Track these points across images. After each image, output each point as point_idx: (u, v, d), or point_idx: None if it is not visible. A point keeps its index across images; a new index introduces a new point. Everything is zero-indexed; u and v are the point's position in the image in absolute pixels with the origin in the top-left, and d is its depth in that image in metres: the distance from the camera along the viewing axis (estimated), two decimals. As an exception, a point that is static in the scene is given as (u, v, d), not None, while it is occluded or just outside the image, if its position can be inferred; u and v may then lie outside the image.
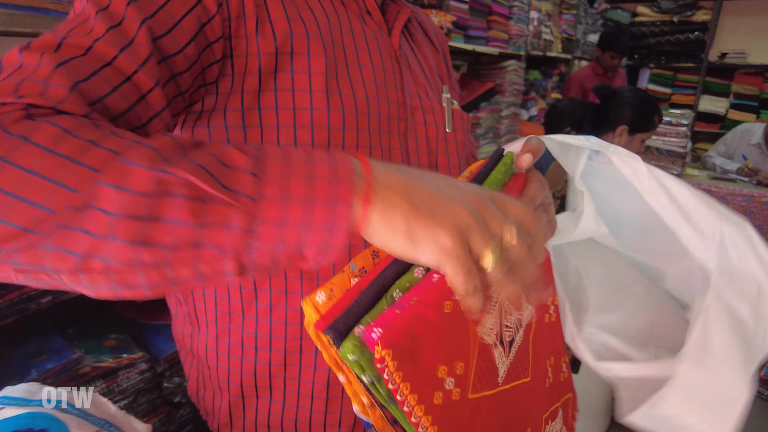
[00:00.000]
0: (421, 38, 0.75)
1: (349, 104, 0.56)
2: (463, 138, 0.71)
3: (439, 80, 0.73)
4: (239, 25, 0.51)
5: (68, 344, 1.12)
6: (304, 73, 0.53)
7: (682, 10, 4.57)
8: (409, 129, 0.63)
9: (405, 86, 0.63)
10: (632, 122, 1.68)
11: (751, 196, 2.76)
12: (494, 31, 2.56)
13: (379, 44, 0.62)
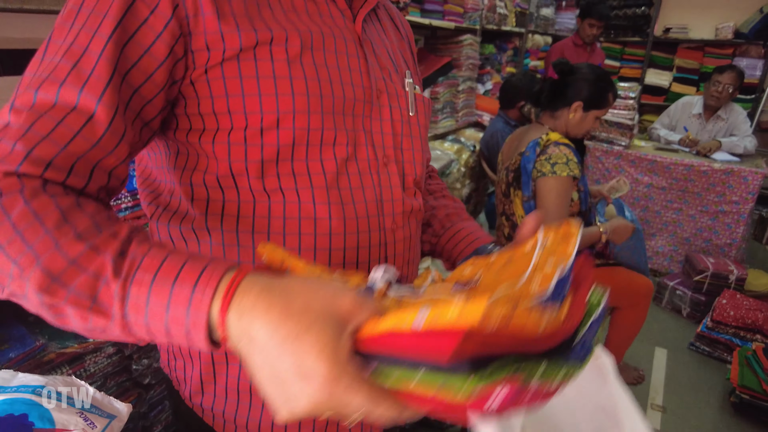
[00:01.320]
0: (387, 24, 0.76)
1: (314, 88, 0.57)
2: (425, 121, 0.74)
3: (404, 65, 0.75)
4: (197, 23, 0.52)
5: (30, 332, 1.11)
6: (267, 61, 0.55)
7: (630, -16, 4.71)
8: (374, 112, 0.65)
9: (370, 70, 0.65)
10: (588, 99, 1.73)
11: (691, 165, 2.93)
12: (450, 5, 2.58)
13: (342, 31, 0.63)
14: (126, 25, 0.49)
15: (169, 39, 0.51)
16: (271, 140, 0.57)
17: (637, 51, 4.85)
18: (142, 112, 0.52)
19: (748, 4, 4.43)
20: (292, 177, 0.59)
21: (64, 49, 0.49)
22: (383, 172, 0.66)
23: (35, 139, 0.46)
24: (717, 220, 2.96)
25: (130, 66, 0.50)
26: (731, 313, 2.39)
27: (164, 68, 0.52)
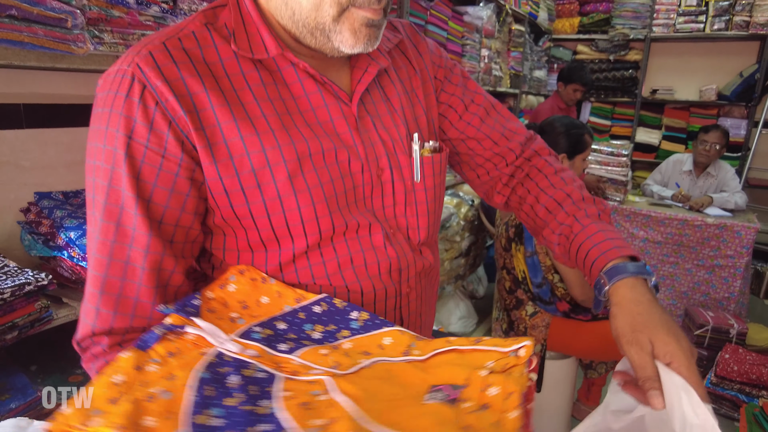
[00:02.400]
0: (399, 68, 0.74)
1: (318, 195, 0.61)
2: (433, 181, 0.73)
3: (414, 121, 0.74)
4: (202, 155, 0.58)
5: (32, 381, 1.10)
6: (270, 184, 0.59)
7: (617, 49, 4.96)
8: (376, 190, 0.67)
9: (368, 152, 0.66)
10: (568, 148, 1.82)
11: (685, 220, 2.99)
12: (448, 68, 2.72)
13: (336, 123, 0.64)
14: (143, 177, 0.55)
15: (188, 173, 0.57)
16: (287, 246, 0.62)
17: (626, 110, 5.04)
18: (186, 243, 0.60)
19: (728, 69, 4.67)
20: (308, 270, 0.63)
21: (100, 217, 0.57)
22: (395, 242, 0.69)
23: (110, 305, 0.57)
24: (714, 274, 2.98)
25: (162, 210, 0.57)
26: (735, 369, 2.36)
27: (192, 197, 0.58)
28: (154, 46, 0.57)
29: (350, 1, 0.56)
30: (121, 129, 0.55)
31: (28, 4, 0.93)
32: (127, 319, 0.57)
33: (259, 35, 0.60)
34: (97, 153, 0.56)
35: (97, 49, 1.08)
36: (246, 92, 0.59)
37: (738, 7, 4.37)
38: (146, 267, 0.56)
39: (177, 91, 0.55)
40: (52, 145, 1.36)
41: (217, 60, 0.59)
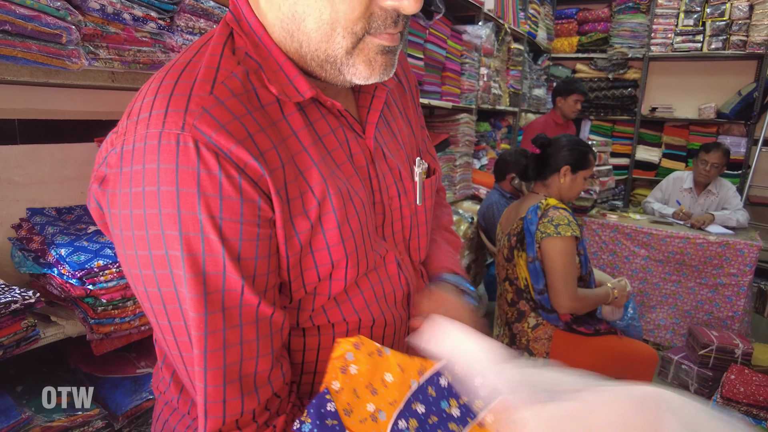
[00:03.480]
0: (392, 99, 0.73)
1: (359, 239, 0.59)
2: (431, 203, 0.75)
3: (415, 148, 0.75)
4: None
5: (17, 403, 1.07)
6: (320, 236, 0.56)
7: (615, 68, 5.00)
8: (386, 219, 0.67)
9: (381, 184, 0.65)
10: (572, 163, 1.84)
11: (686, 238, 2.97)
12: (447, 86, 2.73)
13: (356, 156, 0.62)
14: (244, 255, 0.50)
15: (273, 231, 0.53)
16: (324, 291, 0.59)
17: (626, 128, 5.06)
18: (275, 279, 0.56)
19: (726, 87, 4.69)
20: (337, 309, 0.62)
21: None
22: (404, 268, 0.69)
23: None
24: (717, 293, 2.94)
25: (266, 279, 0.52)
26: (741, 390, 2.31)
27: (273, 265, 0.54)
28: (205, 101, 0.48)
29: (365, 30, 0.51)
30: (204, 210, 0.47)
31: (23, 19, 0.93)
32: (254, 397, 0.52)
33: (285, 76, 0.55)
34: (169, 241, 0.47)
35: (92, 64, 1.08)
36: (294, 140, 0.54)
37: (735, 26, 4.42)
38: (260, 336, 0.52)
39: (252, 152, 0.49)
40: (46, 161, 1.34)
41: (259, 106, 0.52)
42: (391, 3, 0.50)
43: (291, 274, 0.55)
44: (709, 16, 4.53)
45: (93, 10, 1.07)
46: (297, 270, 0.56)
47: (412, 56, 2.34)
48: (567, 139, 1.89)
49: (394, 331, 0.68)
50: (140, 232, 0.48)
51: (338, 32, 0.50)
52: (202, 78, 0.50)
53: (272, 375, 0.54)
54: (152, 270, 0.49)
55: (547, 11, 4.76)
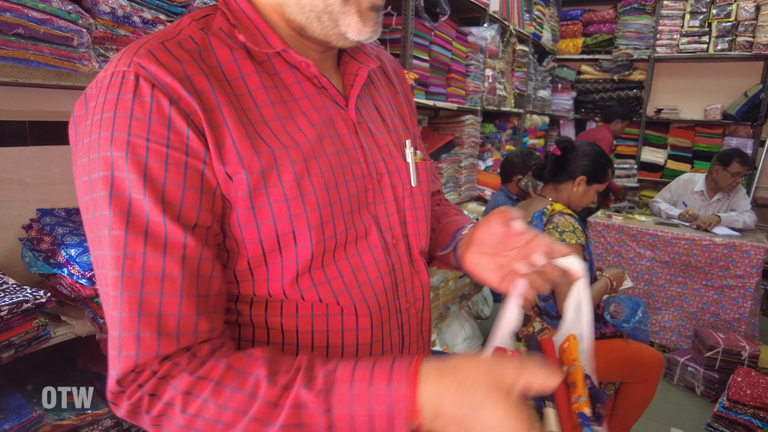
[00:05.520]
0: (381, 85, 0.76)
1: (323, 199, 0.58)
2: (428, 188, 0.74)
3: (404, 130, 0.76)
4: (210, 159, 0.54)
5: (27, 402, 1.08)
6: (277, 186, 0.55)
7: (621, 69, 4.99)
8: (377, 196, 0.66)
9: (367, 156, 0.65)
10: (590, 173, 1.81)
11: (692, 239, 2.96)
12: (453, 87, 2.73)
13: (336, 125, 0.63)
14: (170, 180, 0.51)
15: (210, 169, 0.54)
16: (291, 258, 0.57)
17: (631, 130, 5.04)
18: (217, 237, 0.56)
19: (732, 88, 4.68)
20: (314, 289, 0.59)
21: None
22: (393, 254, 0.67)
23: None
24: (723, 295, 2.93)
25: (196, 213, 0.52)
26: (748, 392, 2.30)
27: (218, 196, 0.54)
28: (152, 46, 0.53)
29: None
30: (135, 132, 0.50)
31: (35, 23, 0.94)
32: (173, 341, 0.50)
33: (259, 34, 0.59)
34: (101, 164, 0.50)
35: (102, 66, 1.09)
36: (247, 97, 0.57)
37: (741, 27, 4.40)
38: (185, 275, 0.51)
39: (187, 88, 0.52)
40: (56, 162, 1.36)
41: (216, 64, 0.56)
42: None
43: (240, 219, 0.55)
44: (715, 17, 4.52)
45: (103, 13, 1.08)
46: (250, 219, 0.55)
47: (417, 58, 2.35)
48: (591, 149, 1.85)
49: (381, 321, 0.65)
50: (84, 159, 0.52)
51: None
52: (158, 35, 0.56)
53: (199, 325, 0.52)
54: (90, 195, 0.52)
55: (552, 13, 4.76)
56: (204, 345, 0.52)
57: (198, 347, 0.52)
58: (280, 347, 0.61)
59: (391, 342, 0.67)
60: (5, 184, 1.26)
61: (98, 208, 0.51)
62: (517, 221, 0.66)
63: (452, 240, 0.76)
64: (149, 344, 0.49)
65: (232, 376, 0.50)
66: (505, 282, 0.68)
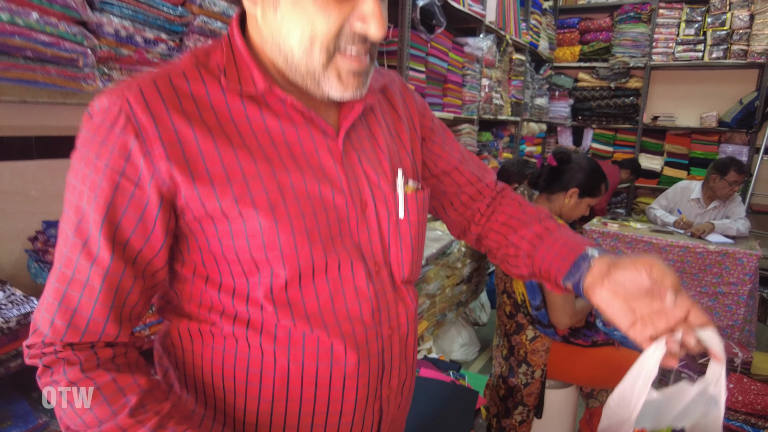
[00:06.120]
0: (385, 112, 0.77)
1: (298, 226, 0.61)
2: (417, 218, 0.74)
3: (403, 158, 0.76)
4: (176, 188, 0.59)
5: (33, 409, 1.11)
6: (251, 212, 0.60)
7: (617, 77, 5.04)
8: (360, 224, 0.68)
9: (351, 185, 0.67)
10: (583, 186, 1.83)
11: (686, 247, 2.99)
12: (449, 98, 2.78)
13: (321, 156, 0.65)
14: (115, 203, 0.58)
15: (157, 203, 0.59)
16: (266, 277, 0.62)
17: (628, 137, 5.10)
18: (149, 265, 0.62)
19: (728, 96, 4.73)
20: (288, 309, 0.64)
21: (73, 231, 0.60)
22: (376, 281, 0.69)
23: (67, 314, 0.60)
24: (717, 302, 2.96)
25: (128, 235, 0.60)
26: (740, 399, 2.33)
27: (159, 229, 0.60)
28: (144, 82, 0.60)
29: (336, 47, 0.59)
30: (101, 157, 0.58)
31: (43, 45, 0.99)
32: (78, 334, 0.60)
33: (248, 71, 0.63)
34: (78, 175, 0.59)
35: (106, 85, 1.13)
36: (230, 125, 0.61)
37: (735, 36, 4.46)
38: (104, 287, 0.60)
39: (159, 124, 0.58)
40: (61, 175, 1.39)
41: (203, 95, 0.61)
42: (359, 29, 0.59)
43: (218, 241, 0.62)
44: (710, 25, 4.58)
45: (108, 35, 1.12)
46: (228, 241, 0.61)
47: (414, 69, 2.39)
48: (586, 163, 1.87)
49: (357, 346, 0.67)
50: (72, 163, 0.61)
51: (316, 48, 0.59)
52: (156, 72, 0.62)
53: (106, 329, 0.61)
54: (67, 194, 0.61)
55: (549, 21, 4.81)
56: (107, 348, 0.62)
57: (101, 348, 0.62)
58: (259, 364, 0.65)
59: (369, 367, 0.68)
60: (12, 197, 1.30)
61: (68, 208, 0.61)
62: (671, 294, 0.63)
63: (577, 269, 0.72)
64: (59, 330, 0.60)
65: (111, 390, 0.59)
66: (634, 328, 0.66)
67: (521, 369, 1.85)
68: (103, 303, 0.60)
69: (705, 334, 0.62)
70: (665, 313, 0.64)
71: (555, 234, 0.78)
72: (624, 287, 0.67)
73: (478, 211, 0.88)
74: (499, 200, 0.88)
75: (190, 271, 0.66)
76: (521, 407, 1.87)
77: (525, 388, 1.85)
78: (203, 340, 0.67)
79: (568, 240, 0.76)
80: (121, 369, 0.61)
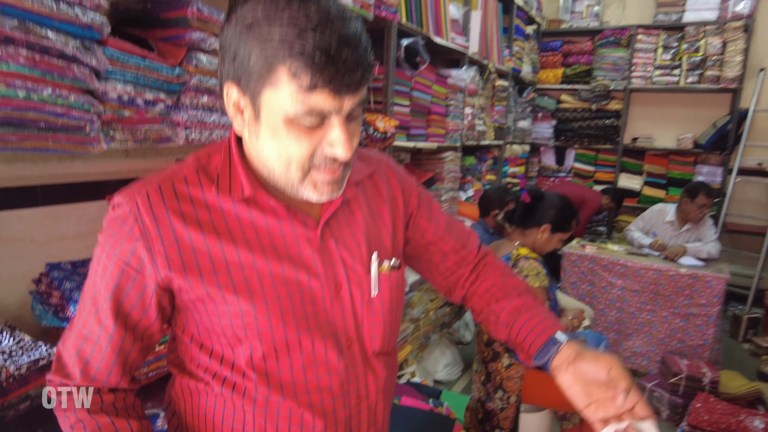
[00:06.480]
0: (368, 197, 0.84)
1: (274, 308, 0.72)
2: (390, 295, 0.82)
3: (383, 238, 0.84)
4: (170, 279, 0.72)
5: (39, 446, 1.20)
6: (232, 297, 0.72)
7: (598, 99, 5.21)
8: (335, 303, 0.76)
9: (327, 270, 0.76)
10: (555, 222, 1.96)
11: (659, 270, 3.14)
12: (433, 128, 2.90)
13: (300, 244, 0.75)
14: (120, 285, 0.73)
15: (152, 287, 0.73)
16: (246, 350, 0.74)
17: (609, 157, 5.26)
18: (146, 331, 0.77)
19: (703, 119, 4.91)
20: (265, 378, 0.75)
21: (88, 304, 0.76)
22: (347, 355, 0.78)
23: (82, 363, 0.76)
24: (688, 322, 3.11)
25: (130, 308, 0.74)
26: (706, 418, 2.46)
27: (154, 305, 0.74)
28: (152, 188, 0.73)
29: (311, 165, 0.69)
30: (112, 247, 0.72)
31: (55, 116, 1.08)
32: (88, 380, 0.76)
33: (239, 178, 0.74)
34: (98, 256, 0.75)
35: (110, 145, 1.23)
36: (221, 222, 0.73)
37: (709, 62, 4.65)
38: (109, 347, 0.75)
39: (160, 226, 0.71)
40: (63, 220, 1.49)
41: (200, 197, 0.73)
42: (329, 152, 0.69)
43: (203, 317, 0.75)
44: (686, 51, 4.76)
45: (112, 99, 1.22)
46: (214, 318, 0.74)
47: (398, 104, 2.51)
48: (558, 200, 1.99)
49: (324, 413, 0.76)
50: (98, 245, 0.76)
51: (292, 167, 0.69)
52: (165, 175, 0.75)
53: (110, 378, 0.77)
54: (91, 270, 0.77)
55: (532, 46, 4.97)
56: (110, 393, 0.78)
57: (105, 393, 0.77)
58: (242, 423, 0.77)
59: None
60: (18, 242, 1.39)
61: (89, 276, 0.77)
62: (623, 394, 0.73)
63: (547, 352, 0.81)
64: (74, 376, 0.76)
65: (108, 430, 0.74)
66: (589, 409, 0.75)
67: (497, 394, 1.96)
68: (108, 359, 0.75)
69: (644, 425, 0.73)
70: (616, 402, 0.73)
71: (531, 311, 0.87)
72: (585, 376, 0.76)
73: (462, 276, 0.97)
74: (482, 266, 0.98)
75: (189, 338, 0.79)
76: (498, 430, 1.97)
77: (501, 412, 1.96)
78: (199, 395, 0.79)
79: (542, 320, 0.85)
80: (119, 413, 0.77)
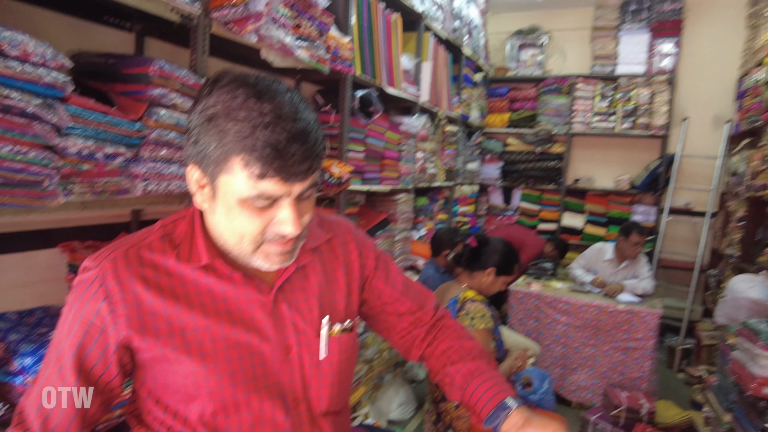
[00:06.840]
0: (324, 261, 0.90)
1: (224, 370, 0.78)
2: (339, 359, 0.86)
3: (336, 301, 0.89)
4: (131, 346, 0.79)
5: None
6: (186, 359, 0.78)
7: (542, 142, 5.54)
8: (284, 365, 0.81)
9: (278, 333, 0.81)
10: (499, 266, 2.09)
11: (599, 306, 3.33)
12: (386, 172, 3.02)
13: (253, 308, 0.81)
14: (84, 344, 0.78)
15: (114, 346, 0.78)
16: (199, 406, 0.79)
17: (553, 197, 5.56)
18: (107, 386, 0.81)
19: (638, 162, 5.31)
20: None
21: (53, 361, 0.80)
22: (294, 414, 0.83)
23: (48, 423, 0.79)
24: (628, 355, 3.29)
25: (91, 366, 0.78)
26: (644, 449, 2.60)
27: (115, 362, 0.79)
28: (119, 254, 0.79)
29: (263, 239, 0.75)
30: (78, 309, 0.78)
31: (13, 171, 1.10)
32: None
33: (198, 248, 0.80)
34: (65, 315, 0.79)
35: (68, 198, 1.25)
36: (180, 287, 0.79)
37: (640, 111, 5.07)
38: (69, 403, 0.78)
39: (124, 291, 0.76)
40: (8, 270, 1.47)
41: (162, 263, 0.80)
42: (279, 230, 0.75)
43: (160, 376, 0.80)
44: (620, 100, 5.18)
45: (71, 154, 1.25)
46: (167, 377, 0.79)
47: (353, 150, 2.62)
48: (502, 246, 2.14)
49: None
50: (66, 306, 0.80)
51: (245, 241, 0.77)
52: (133, 241, 0.81)
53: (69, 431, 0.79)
54: (58, 330, 0.81)
55: (480, 92, 5.26)
56: None
57: None
58: None
59: None
60: (-37, 294, 1.36)
61: (55, 333, 0.81)
62: None
63: (497, 417, 0.87)
64: (33, 430, 0.78)
65: None
66: None
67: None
68: (68, 414, 0.78)
69: None
70: None
71: (484, 374, 0.93)
72: None
73: (418, 336, 1.03)
74: (439, 327, 1.04)
75: (146, 393, 0.83)
76: (449, 470, 2.02)
77: (452, 451, 2.01)
78: None
79: (494, 384, 0.91)
80: None
